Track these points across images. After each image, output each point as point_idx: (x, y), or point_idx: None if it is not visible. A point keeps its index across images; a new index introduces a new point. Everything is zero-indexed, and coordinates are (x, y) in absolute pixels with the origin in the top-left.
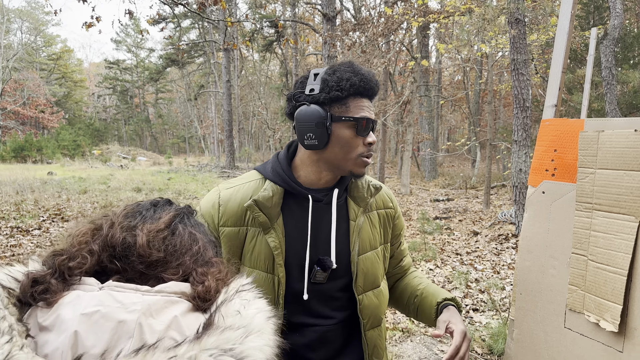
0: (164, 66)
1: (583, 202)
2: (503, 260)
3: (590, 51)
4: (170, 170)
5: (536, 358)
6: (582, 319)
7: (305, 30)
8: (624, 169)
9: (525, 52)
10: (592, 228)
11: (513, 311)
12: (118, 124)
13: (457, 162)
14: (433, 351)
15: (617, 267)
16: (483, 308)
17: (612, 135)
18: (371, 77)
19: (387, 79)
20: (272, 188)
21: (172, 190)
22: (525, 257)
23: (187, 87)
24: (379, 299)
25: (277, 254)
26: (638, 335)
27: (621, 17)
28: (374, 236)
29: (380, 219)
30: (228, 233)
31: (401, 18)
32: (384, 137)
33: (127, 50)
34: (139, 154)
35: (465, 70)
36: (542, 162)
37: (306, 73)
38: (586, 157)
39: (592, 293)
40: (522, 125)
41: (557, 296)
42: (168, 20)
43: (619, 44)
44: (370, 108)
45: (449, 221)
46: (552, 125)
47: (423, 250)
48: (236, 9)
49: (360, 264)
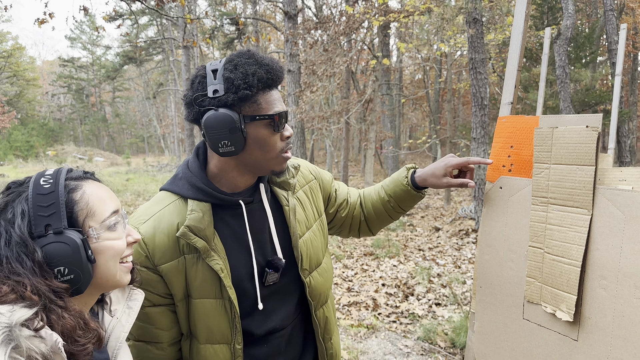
0: (121, 64)
1: (539, 197)
2: (464, 255)
3: (544, 50)
4: (129, 170)
5: (497, 349)
6: (540, 310)
7: (267, 28)
8: (576, 163)
9: (482, 51)
10: (548, 221)
11: (474, 304)
12: (74, 124)
13: (419, 160)
14: (397, 346)
15: (572, 258)
16: (445, 302)
17: (565, 131)
18: (275, 64)
19: (349, 77)
20: (199, 207)
21: (130, 191)
22: (485, 250)
23: (146, 85)
24: (323, 277)
25: (223, 276)
26: (592, 324)
27: (573, 18)
28: (307, 216)
29: (308, 194)
30: (168, 270)
31: (362, 17)
32: (347, 136)
33: (83, 47)
34: (96, 155)
35: (425, 69)
36: (500, 158)
37: (200, 70)
38: (541, 153)
39: (549, 284)
40: (480, 122)
41: (515, 288)
42: (125, 17)
43: (572, 43)
44: (279, 99)
45: (411, 218)
46: (509, 122)
47: (387, 247)
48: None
49: (302, 246)
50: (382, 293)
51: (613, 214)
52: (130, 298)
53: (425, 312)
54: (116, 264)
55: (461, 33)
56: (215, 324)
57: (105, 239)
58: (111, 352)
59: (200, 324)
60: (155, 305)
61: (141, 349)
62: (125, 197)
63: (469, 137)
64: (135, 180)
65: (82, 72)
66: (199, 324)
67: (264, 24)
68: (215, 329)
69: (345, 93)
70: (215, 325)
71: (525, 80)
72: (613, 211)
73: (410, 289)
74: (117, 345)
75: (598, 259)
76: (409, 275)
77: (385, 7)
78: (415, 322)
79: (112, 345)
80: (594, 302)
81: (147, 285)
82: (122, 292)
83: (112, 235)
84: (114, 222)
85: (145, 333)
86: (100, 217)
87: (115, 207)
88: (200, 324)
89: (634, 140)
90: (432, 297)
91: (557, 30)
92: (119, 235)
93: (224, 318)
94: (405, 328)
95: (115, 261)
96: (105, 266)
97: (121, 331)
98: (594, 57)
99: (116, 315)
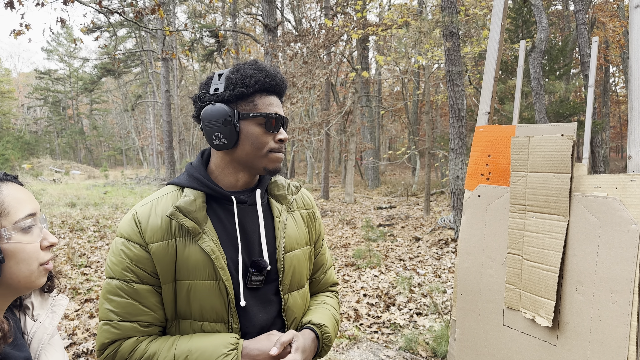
0: (99, 76)
1: (516, 204)
2: (444, 264)
3: (519, 62)
4: (107, 183)
5: (477, 356)
6: (519, 316)
7: (247, 41)
8: (553, 171)
9: (459, 64)
10: (526, 228)
11: (454, 312)
12: (50, 137)
13: (399, 171)
14: (379, 356)
15: (550, 264)
16: (426, 312)
17: (541, 140)
18: (276, 73)
19: (329, 89)
20: (193, 193)
21: (108, 205)
22: (464, 258)
23: (124, 98)
24: (302, 300)
25: (215, 257)
26: (570, 329)
27: (547, 31)
28: (299, 234)
29: (304, 218)
30: (157, 249)
31: (341, 30)
32: (327, 147)
33: (60, 59)
34: (73, 168)
35: (403, 82)
36: (478, 167)
37: (210, 75)
38: (518, 161)
39: (528, 290)
40: (458, 134)
41: (495, 295)
42: (103, 29)
43: (546, 56)
44: (279, 106)
45: (392, 228)
46: (486, 132)
47: (368, 257)
48: (175, 18)
49: (287, 261)
50: (364, 303)
51: (589, 220)
52: (55, 304)
53: (407, 322)
54: (29, 266)
55: (438, 46)
56: (209, 305)
57: (18, 241)
58: (33, 354)
59: (196, 304)
60: (142, 283)
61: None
62: (103, 211)
63: (447, 148)
64: (113, 194)
65: (59, 85)
66: (194, 305)
67: (243, 37)
68: (210, 309)
69: (325, 105)
70: (209, 305)
71: (502, 92)
72: (589, 217)
73: (391, 299)
74: (40, 347)
75: (575, 265)
76: (390, 285)
77: (363, 20)
78: (396, 332)
79: (35, 347)
80: (572, 308)
81: (137, 262)
82: (44, 299)
83: (25, 237)
84: (29, 225)
85: (132, 311)
86: (14, 218)
87: (31, 210)
88: (195, 305)
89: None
90: (413, 307)
91: (532, 43)
92: (33, 239)
93: (219, 299)
94: (386, 338)
95: (27, 264)
96: (16, 267)
97: (44, 333)
98: (568, 70)
99: (39, 320)
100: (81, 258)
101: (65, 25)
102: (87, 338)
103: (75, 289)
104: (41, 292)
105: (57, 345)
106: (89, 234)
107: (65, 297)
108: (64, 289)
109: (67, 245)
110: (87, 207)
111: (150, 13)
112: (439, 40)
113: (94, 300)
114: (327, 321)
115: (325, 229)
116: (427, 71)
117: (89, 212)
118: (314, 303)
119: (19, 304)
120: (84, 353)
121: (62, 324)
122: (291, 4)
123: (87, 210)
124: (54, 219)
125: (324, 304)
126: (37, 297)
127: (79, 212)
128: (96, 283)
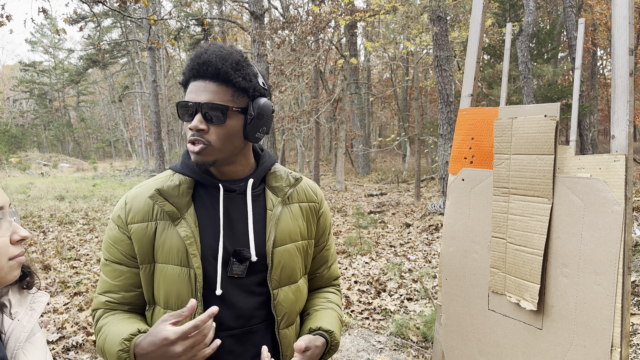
0: (85, 67)
1: (500, 187)
2: (434, 249)
3: (506, 45)
4: (96, 176)
5: (463, 341)
6: (504, 300)
7: (234, 29)
8: (536, 153)
9: (447, 49)
10: (510, 212)
11: (440, 297)
12: (37, 130)
13: (389, 158)
14: (370, 342)
15: (534, 247)
16: (417, 297)
17: (524, 121)
18: (209, 54)
19: (318, 77)
20: (179, 178)
21: (97, 197)
22: (449, 243)
23: (111, 89)
24: (295, 295)
25: (189, 243)
26: (555, 312)
27: (534, 15)
28: (294, 229)
29: (303, 212)
30: (136, 230)
31: (329, 16)
32: (317, 135)
33: (44, 51)
34: (61, 160)
35: (392, 68)
36: (461, 151)
37: None
38: (501, 144)
39: (512, 274)
40: (447, 119)
41: (480, 279)
42: (87, 20)
43: (534, 39)
44: (199, 90)
45: (382, 215)
46: (469, 115)
47: (359, 244)
48: (160, 7)
49: (277, 255)
50: (355, 290)
51: (573, 202)
52: (34, 300)
53: (398, 308)
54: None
55: (426, 31)
56: (175, 291)
57: None
58: (10, 354)
59: (163, 289)
60: (117, 263)
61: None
62: (92, 203)
63: (436, 134)
64: (102, 186)
65: (45, 77)
66: (162, 289)
67: (230, 25)
68: (175, 296)
69: (315, 93)
70: (175, 292)
71: (490, 77)
72: (573, 199)
73: (382, 285)
74: (17, 345)
75: (560, 247)
76: (381, 272)
77: (351, 6)
78: (387, 318)
79: (11, 346)
80: (556, 291)
81: (115, 242)
82: (23, 296)
83: None
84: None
85: (105, 287)
86: None
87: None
88: (162, 289)
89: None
90: (404, 293)
91: (519, 26)
92: (2, 233)
93: (186, 287)
94: (377, 324)
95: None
96: None
97: (21, 331)
98: (555, 53)
99: (17, 318)
100: (70, 251)
101: (48, 15)
102: (76, 331)
103: (64, 282)
104: (19, 289)
105: (37, 344)
106: (77, 227)
107: (45, 294)
108: (53, 283)
109: (55, 239)
110: (76, 200)
111: (135, 2)
112: (427, 26)
113: (83, 293)
114: (335, 326)
115: None
116: (416, 57)
117: (78, 205)
118: (318, 302)
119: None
120: (73, 347)
121: (51, 318)
122: None
123: (76, 203)
124: (42, 212)
125: (329, 303)
126: (15, 294)
127: (68, 205)
128: (85, 276)
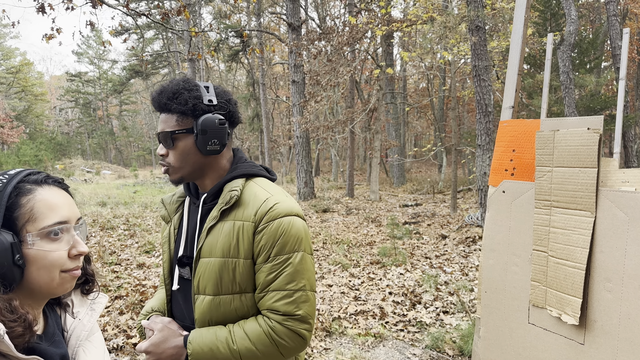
0: (128, 78)
1: (542, 200)
2: (471, 262)
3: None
4: (136, 183)
5: (502, 354)
6: (545, 314)
7: (271, 40)
8: (579, 166)
9: (486, 59)
10: (551, 225)
11: (479, 309)
12: (81, 138)
13: (425, 168)
14: (405, 355)
15: (576, 261)
16: (453, 310)
17: (566, 134)
18: (159, 92)
19: (353, 87)
20: (180, 191)
21: (138, 203)
22: (489, 255)
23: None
24: (217, 308)
25: (163, 242)
26: (598, 327)
27: (576, 24)
28: (219, 244)
29: (236, 229)
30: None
31: (365, 27)
32: (352, 145)
33: (90, 62)
34: (104, 168)
35: (429, 78)
36: (502, 162)
37: None
38: (543, 156)
39: (554, 288)
40: (485, 129)
41: (520, 292)
42: (131, 32)
43: (576, 49)
44: (160, 122)
45: (417, 226)
46: (510, 126)
47: (393, 255)
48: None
49: (199, 265)
50: (389, 301)
51: (616, 216)
52: (95, 301)
53: (433, 320)
54: (50, 273)
55: (464, 41)
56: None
57: (40, 248)
58: (71, 351)
59: None
60: None
61: None
62: (133, 209)
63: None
64: (143, 193)
65: (89, 87)
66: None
67: (268, 36)
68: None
69: (350, 102)
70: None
71: (530, 87)
72: (616, 213)
73: (417, 297)
74: (78, 343)
75: (603, 262)
76: (416, 284)
77: (388, 17)
78: (422, 331)
79: (73, 343)
80: (599, 305)
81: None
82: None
83: (50, 245)
84: (56, 232)
85: None
86: (40, 225)
87: (62, 217)
88: None
89: None
90: (440, 305)
91: (561, 36)
92: (59, 247)
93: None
94: (412, 336)
95: (48, 271)
96: (36, 274)
97: (82, 330)
98: (598, 63)
99: (78, 317)
100: (111, 256)
101: (95, 28)
102: (117, 334)
103: (105, 286)
104: (80, 292)
105: (97, 342)
106: (119, 232)
107: (105, 296)
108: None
109: (98, 244)
110: (117, 206)
111: (177, 14)
112: (465, 35)
113: (124, 297)
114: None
115: (349, 227)
116: (453, 67)
117: (119, 211)
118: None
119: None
120: (114, 349)
121: None
122: (315, 2)
123: (117, 209)
124: (85, 217)
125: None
126: (77, 295)
127: (110, 211)
128: (126, 280)
